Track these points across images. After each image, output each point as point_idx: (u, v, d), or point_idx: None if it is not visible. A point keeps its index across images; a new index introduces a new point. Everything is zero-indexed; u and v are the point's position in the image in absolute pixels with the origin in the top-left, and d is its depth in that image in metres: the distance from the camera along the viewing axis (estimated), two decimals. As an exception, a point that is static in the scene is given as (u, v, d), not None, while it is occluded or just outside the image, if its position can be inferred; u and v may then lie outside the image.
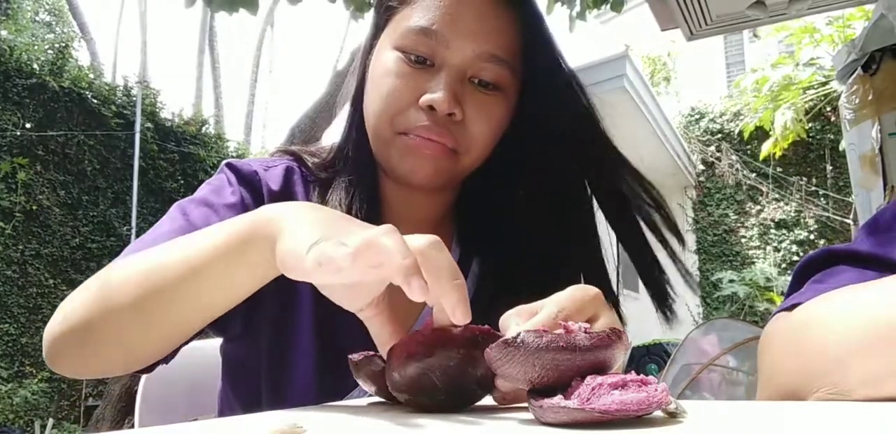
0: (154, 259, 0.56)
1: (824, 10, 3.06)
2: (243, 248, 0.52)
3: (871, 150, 2.28)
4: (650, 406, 0.34)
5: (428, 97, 0.69)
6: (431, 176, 0.71)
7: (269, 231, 0.50)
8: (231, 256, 0.52)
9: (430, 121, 0.69)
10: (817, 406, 0.44)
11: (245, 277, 0.53)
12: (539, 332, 0.37)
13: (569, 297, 0.48)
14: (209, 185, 0.74)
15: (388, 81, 0.71)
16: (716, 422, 0.36)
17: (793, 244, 7.90)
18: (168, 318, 0.56)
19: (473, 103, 0.71)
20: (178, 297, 0.54)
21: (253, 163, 0.77)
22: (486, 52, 0.70)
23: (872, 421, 0.36)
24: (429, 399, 0.43)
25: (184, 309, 0.56)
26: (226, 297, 0.55)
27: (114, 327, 0.56)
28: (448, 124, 0.70)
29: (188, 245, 0.55)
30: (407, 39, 0.70)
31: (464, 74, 0.71)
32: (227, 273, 0.53)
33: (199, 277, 0.53)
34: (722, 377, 3.06)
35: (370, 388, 0.47)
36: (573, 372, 0.36)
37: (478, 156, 0.74)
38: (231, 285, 0.54)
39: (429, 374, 0.42)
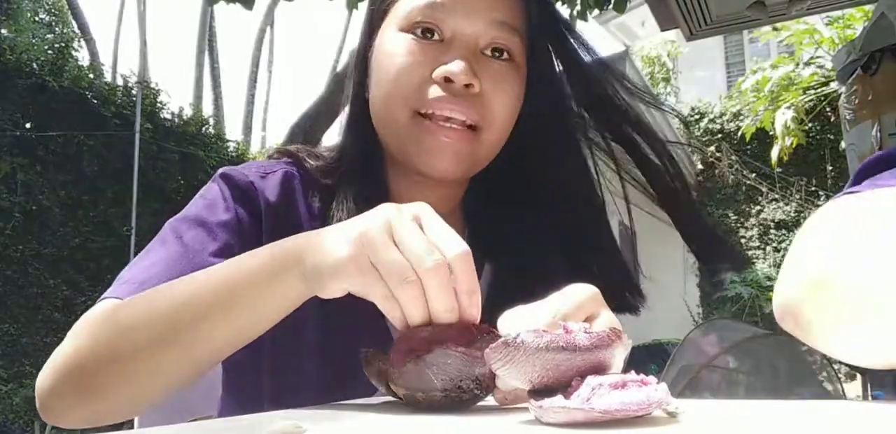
0: (169, 299, 0.53)
1: (824, 10, 3.06)
2: (270, 279, 0.51)
3: (871, 150, 2.28)
4: (650, 406, 0.34)
5: (443, 69, 0.66)
6: (452, 162, 0.68)
7: (295, 255, 0.50)
8: (259, 289, 0.51)
9: (448, 92, 0.66)
10: (818, 406, 0.44)
11: (274, 309, 0.52)
12: (539, 332, 0.37)
13: (567, 297, 0.48)
14: (203, 198, 0.71)
15: (396, 61, 0.68)
16: (716, 422, 0.36)
17: (793, 244, 7.90)
18: (184, 363, 0.53)
19: (490, 74, 0.68)
20: (200, 338, 0.52)
21: (250, 170, 0.73)
22: (497, 20, 0.68)
23: (872, 421, 0.36)
24: (426, 396, 0.43)
25: (203, 351, 0.53)
26: (251, 332, 0.54)
27: (123, 374, 0.53)
28: (467, 97, 0.67)
29: (207, 281, 0.53)
30: (412, 17, 0.68)
31: (476, 45, 0.68)
32: (256, 307, 0.52)
33: (227, 316, 0.52)
34: (722, 377, 3.06)
35: (379, 386, 0.47)
36: (573, 372, 0.36)
37: (499, 133, 0.71)
38: (259, 320, 0.53)
39: (426, 371, 0.42)
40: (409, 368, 0.43)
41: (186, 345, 0.52)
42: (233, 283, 0.52)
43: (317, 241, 0.50)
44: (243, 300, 0.51)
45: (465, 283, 0.46)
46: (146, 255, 0.65)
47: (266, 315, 0.52)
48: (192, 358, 0.53)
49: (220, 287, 0.52)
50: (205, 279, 0.54)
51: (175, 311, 0.52)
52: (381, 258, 0.45)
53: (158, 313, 0.53)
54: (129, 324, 0.53)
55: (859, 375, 4.20)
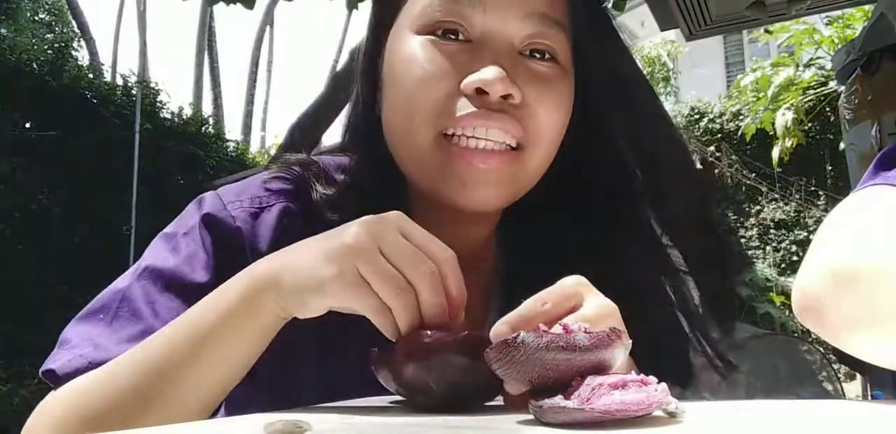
0: (140, 367, 0.48)
1: (824, 10, 3.06)
2: (247, 313, 0.48)
3: (870, 150, 2.28)
4: (650, 406, 0.34)
5: (474, 78, 0.54)
6: (491, 192, 0.56)
7: (269, 280, 0.47)
8: (235, 327, 0.48)
9: (482, 105, 0.54)
10: (818, 406, 0.44)
11: (256, 341, 0.49)
12: (539, 333, 0.37)
13: (551, 289, 0.46)
14: (183, 240, 0.60)
15: (415, 71, 0.56)
16: (716, 422, 0.36)
17: (792, 244, 7.90)
18: (180, 418, 0.48)
19: (532, 80, 0.56)
20: (187, 393, 0.48)
21: (240, 206, 0.61)
22: (535, 13, 0.56)
23: (873, 421, 0.36)
24: (425, 399, 0.44)
25: (194, 402, 0.49)
26: (241, 368, 0.50)
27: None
28: (509, 108, 0.55)
29: (177, 335, 0.49)
30: (430, 16, 0.56)
31: (511, 45, 0.56)
32: (237, 346, 0.48)
33: (210, 362, 0.48)
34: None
35: (388, 385, 0.47)
36: (573, 372, 0.36)
37: (547, 151, 0.59)
38: (245, 355, 0.49)
39: (425, 376, 0.42)
40: (408, 374, 0.43)
41: (174, 405, 0.48)
42: (207, 330, 0.48)
43: (292, 261, 0.47)
44: (222, 342, 0.48)
45: (455, 288, 0.45)
46: (109, 311, 0.56)
47: (249, 349, 0.49)
48: (186, 412, 0.48)
49: (195, 336, 0.48)
50: (174, 333, 0.49)
51: (149, 379, 0.47)
52: (372, 270, 0.44)
53: (131, 387, 0.48)
54: (97, 411, 0.48)
55: (859, 375, 4.20)
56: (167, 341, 0.49)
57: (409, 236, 0.46)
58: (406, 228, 0.46)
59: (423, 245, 0.45)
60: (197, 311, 0.50)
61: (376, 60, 0.63)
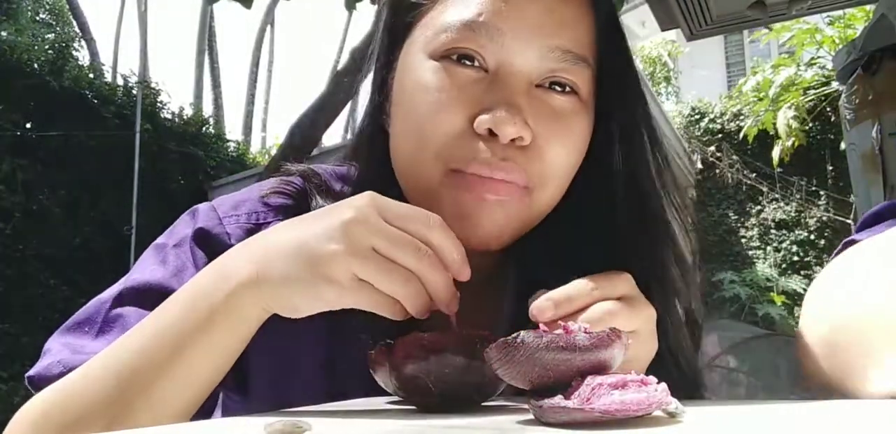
0: (113, 370, 0.46)
1: (824, 10, 3.06)
2: (225, 320, 0.46)
3: (871, 150, 2.28)
4: (650, 406, 0.34)
5: (485, 119, 0.51)
6: (496, 227, 0.54)
7: (250, 289, 0.45)
8: (215, 336, 0.46)
9: (490, 152, 0.52)
10: (818, 406, 0.44)
11: (237, 346, 0.47)
12: (539, 332, 0.37)
13: (602, 275, 0.47)
14: (173, 250, 0.59)
15: (426, 100, 0.53)
16: (716, 422, 0.36)
17: (793, 244, 7.90)
18: (148, 421, 0.46)
19: (546, 118, 0.54)
20: (158, 398, 0.46)
21: (234, 222, 0.59)
22: (559, 48, 0.53)
23: (873, 420, 0.36)
24: (424, 400, 0.44)
25: (163, 407, 0.46)
26: (213, 378, 0.48)
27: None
28: (516, 153, 0.53)
29: (150, 343, 0.46)
30: (445, 42, 0.54)
31: (529, 82, 0.54)
32: (213, 353, 0.46)
33: (186, 368, 0.46)
34: (722, 377, 3.06)
35: (385, 386, 0.47)
36: (573, 372, 0.36)
37: (556, 190, 0.57)
38: (224, 354, 0.47)
39: (423, 378, 0.42)
40: (406, 376, 0.43)
41: (145, 414, 0.45)
42: (183, 337, 0.46)
43: (278, 269, 0.44)
44: (199, 350, 0.46)
45: (451, 255, 0.45)
46: (94, 324, 0.55)
47: (229, 352, 0.47)
48: (157, 420, 0.46)
49: (170, 344, 0.46)
50: (146, 340, 0.47)
51: (121, 388, 0.45)
52: (370, 270, 0.43)
53: (104, 394, 0.46)
54: (74, 414, 0.46)
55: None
56: (139, 349, 0.46)
57: (390, 219, 0.44)
58: (383, 210, 0.44)
59: (407, 226, 0.44)
60: (170, 318, 0.47)
61: (387, 75, 0.61)
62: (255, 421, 0.36)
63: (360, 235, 0.43)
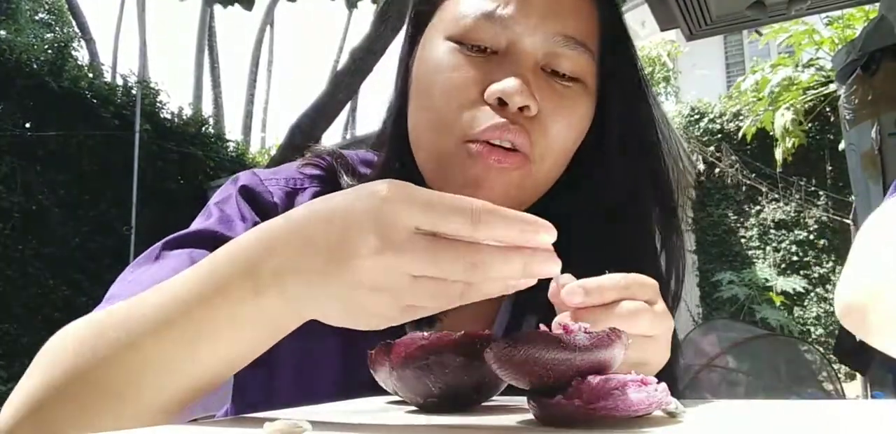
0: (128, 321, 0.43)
1: (824, 10, 3.06)
2: (255, 314, 0.41)
3: (870, 150, 2.28)
4: (650, 406, 0.34)
5: (496, 88, 0.55)
6: (503, 195, 0.56)
7: (283, 299, 0.40)
8: (243, 327, 0.42)
9: (500, 117, 0.56)
10: (818, 406, 0.44)
11: (267, 339, 0.43)
12: (539, 332, 0.37)
13: (631, 275, 0.46)
14: (218, 211, 0.60)
15: (441, 77, 0.58)
16: (716, 422, 0.36)
17: (793, 244, 7.90)
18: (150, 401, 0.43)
19: (550, 95, 0.58)
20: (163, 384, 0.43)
21: (275, 184, 0.63)
22: (562, 35, 0.58)
23: (872, 421, 0.36)
24: (424, 400, 0.44)
25: (164, 394, 0.43)
26: (236, 365, 0.44)
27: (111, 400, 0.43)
28: (523, 122, 0.56)
29: (169, 323, 0.42)
30: (462, 26, 0.58)
31: (535, 62, 0.58)
32: (238, 343, 0.43)
33: (209, 355, 0.43)
34: (722, 377, 3.06)
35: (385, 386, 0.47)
36: (573, 372, 0.36)
37: (554, 165, 0.60)
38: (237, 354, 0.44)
39: (423, 379, 0.42)
40: (406, 376, 0.43)
41: (150, 392, 0.43)
42: (203, 322, 0.42)
43: (313, 292, 0.39)
44: (223, 339, 0.42)
45: (508, 229, 0.36)
46: (139, 269, 0.56)
47: (258, 344, 0.43)
48: (160, 403, 0.43)
49: (190, 329, 0.42)
50: (165, 318, 0.43)
51: (131, 361, 0.43)
52: (422, 298, 0.37)
53: (117, 353, 0.43)
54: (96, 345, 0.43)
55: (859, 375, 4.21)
56: (154, 329, 0.42)
57: (421, 204, 0.36)
58: (417, 208, 0.36)
59: (446, 225, 0.36)
60: (194, 300, 0.42)
61: (409, 61, 0.65)
62: (254, 421, 0.36)
63: (398, 260, 0.36)
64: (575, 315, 0.45)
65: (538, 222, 0.37)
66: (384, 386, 0.46)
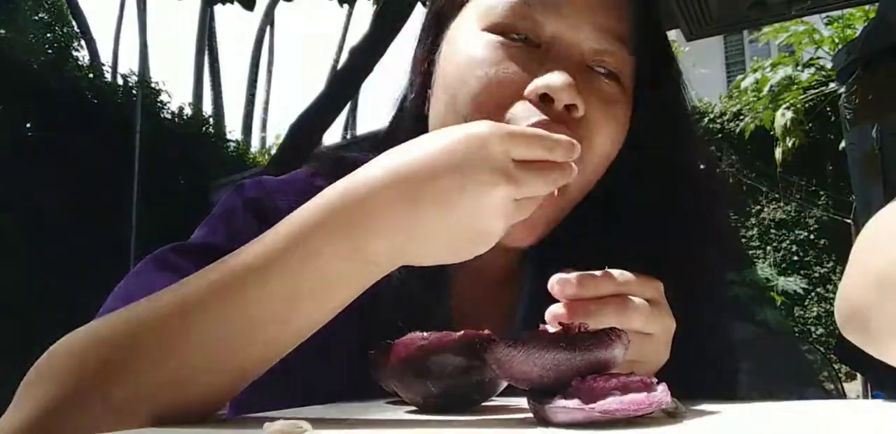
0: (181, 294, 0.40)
1: (824, 10, 3.06)
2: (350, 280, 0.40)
3: (871, 150, 2.28)
4: (650, 406, 0.34)
5: (541, 82, 0.51)
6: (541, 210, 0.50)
7: (388, 263, 0.41)
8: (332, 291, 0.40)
9: (545, 114, 0.51)
10: (818, 406, 0.44)
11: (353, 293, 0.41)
12: (539, 332, 0.37)
13: (635, 274, 0.46)
14: (225, 225, 0.56)
15: (479, 72, 0.53)
16: (716, 422, 0.36)
17: (793, 244, 7.90)
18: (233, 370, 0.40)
19: (598, 96, 0.54)
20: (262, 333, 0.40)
21: (283, 197, 0.58)
22: (607, 29, 0.54)
23: (872, 421, 0.36)
24: (424, 400, 0.44)
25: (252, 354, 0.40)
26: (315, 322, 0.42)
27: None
28: (569, 121, 0.52)
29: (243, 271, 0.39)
30: (501, 16, 0.54)
31: (581, 55, 0.54)
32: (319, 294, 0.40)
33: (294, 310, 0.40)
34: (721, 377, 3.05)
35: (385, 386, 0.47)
36: (573, 372, 0.36)
37: (596, 173, 0.56)
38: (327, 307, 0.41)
39: (423, 379, 0.42)
40: (406, 376, 0.43)
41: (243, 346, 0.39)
42: (293, 293, 0.39)
43: (419, 246, 0.40)
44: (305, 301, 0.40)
45: (561, 151, 0.42)
46: (145, 276, 0.51)
47: (338, 304, 0.41)
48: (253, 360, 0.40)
49: (279, 295, 0.39)
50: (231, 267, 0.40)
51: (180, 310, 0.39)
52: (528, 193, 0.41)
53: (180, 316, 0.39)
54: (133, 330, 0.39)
55: (859, 375, 4.21)
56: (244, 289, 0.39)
57: (528, 154, 0.41)
58: (519, 143, 0.40)
59: (542, 155, 0.41)
60: (292, 257, 0.39)
61: (431, 54, 0.60)
62: (254, 422, 0.36)
63: (491, 150, 0.39)
64: (567, 307, 0.44)
65: (572, 142, 0.42)
66: (384, 386, 0.46)
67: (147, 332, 0.39)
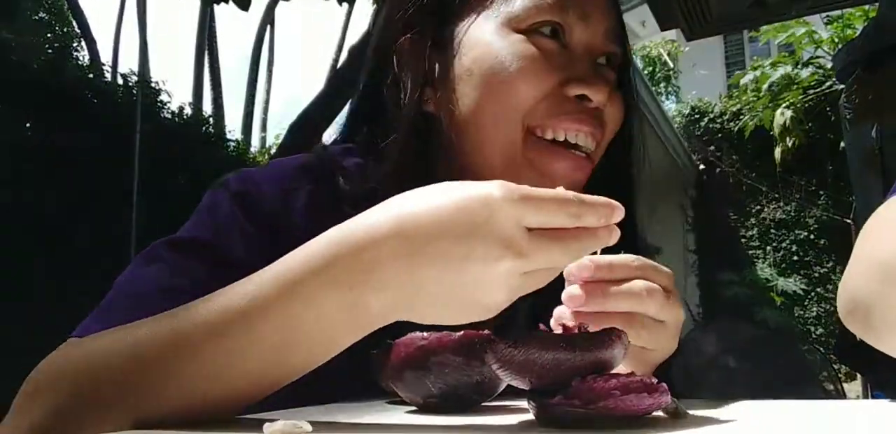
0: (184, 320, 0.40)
1: (824, 10, 3.06)
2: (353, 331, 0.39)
3: (871, 150, 2.28)
4: (650, 406, 0.34)
5: (582, 84, 0.57)
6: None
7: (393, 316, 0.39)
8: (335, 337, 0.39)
9: (581, 111, 0.58)
10: (818, 406, 0.44)
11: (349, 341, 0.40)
12: (539, 332, 0.37)
13: (647, 259, 0.47)
14: (211, 220, 0.57)
15: (513, 66, 0.57)
16: (716, 422, 0.36)
17: (793, 244, 7.89)
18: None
19: (610, 87, 0.60)
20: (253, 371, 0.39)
21: (268, 187, 0.59)
22: (615, 31, 0.62)
23: (872, 421, 0.36)
24: (424, 400, 0.44)
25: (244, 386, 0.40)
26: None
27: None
28: (599, 116, 0.59)
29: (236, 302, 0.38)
30: (533, 14, 0.58)
31: (596, 54, 0.61)
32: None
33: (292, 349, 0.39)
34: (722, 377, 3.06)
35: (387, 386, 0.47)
36: (573, 372, 0.36)
37: (601, 155, 0.63)
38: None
39: (423, 379, 0.42)
40: (406, 376, 0.43)
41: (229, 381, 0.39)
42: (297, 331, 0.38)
43: (428, 311, 0.38)
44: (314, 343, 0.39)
45: (596, 215, 0.37)
46: (140, 268, 0.52)
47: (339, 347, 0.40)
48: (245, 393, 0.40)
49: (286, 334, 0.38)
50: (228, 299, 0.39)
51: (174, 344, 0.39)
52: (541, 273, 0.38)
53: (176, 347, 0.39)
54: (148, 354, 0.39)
55: (859, 375, 4.21)
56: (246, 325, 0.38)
57: (538, 221, 0.37)
58: (529, 209, 0.36)
59: (555, 222, 0.37)
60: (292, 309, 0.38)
61: (437, 58, 0.61)
62: (254, 422, 0.36)
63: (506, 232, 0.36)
64: (585, 288, 0.45)
65: (613, 205, 0.38)
66: (384, 387, 0.46)
67: (140, 363, 0.39)
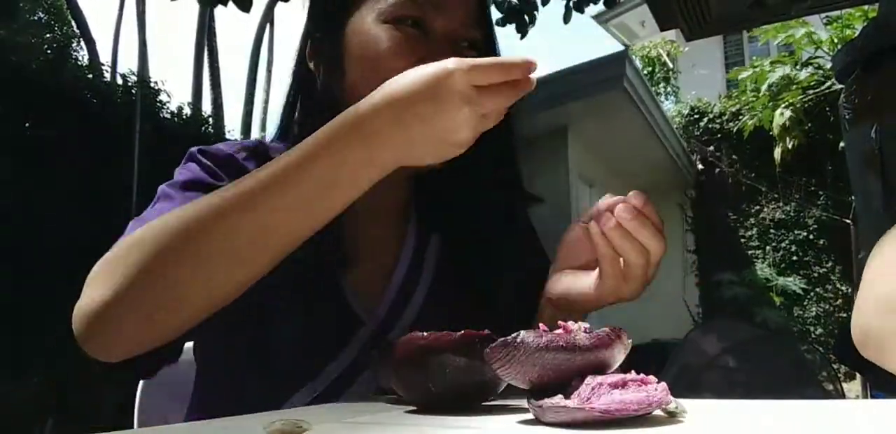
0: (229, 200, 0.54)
1: (824, 10, 3.06)
2: (341, 153, 0.52)
3: (870, 150, 2.28)
4: (650, 406, 0.34)
5: (431, 60, 0.67)
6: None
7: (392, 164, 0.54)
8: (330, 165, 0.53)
9: None
10: (818, 406, 0.44)
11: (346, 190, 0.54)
12: (539, 332, 0.37)
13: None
14: (195, 165, 0.72)
15: (383, 49, 0.70)
16: (716, 422, 0.36)
17: (792, 244, 7.90)
18: (254, 257, 0.54)
19: None
20: (271, 229, 0.53)
21: (223, 146, 0.75)
22: (472, 15, 0.73)
23: (872, 421, 0.36)
24: (424, 400, 0.44)
25: (269, 245, 0.54)
26: (322, 217, 0.55)
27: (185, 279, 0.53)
28: None
29: (262, 173, 0.54)
30: (397, 10, 0.71)
31: (457, 39, 0.72)
32: (326, 188, 0.53)
33: (299, 200, 0.53)
34: (722, 377, 3.06)
35: (387, 386, 0.47)
36: (573, 372, 0.36)
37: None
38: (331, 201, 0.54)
39: (424, 379, 0.42)
40: (406, 376, 0.43)
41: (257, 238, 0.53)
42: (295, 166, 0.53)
43: (413, 151, 0.53)
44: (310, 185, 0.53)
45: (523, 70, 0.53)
46: (143, 215, 0.68)
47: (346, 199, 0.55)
48: (263, 250, 0.54)
49: (279, 172, 0.53)
50: (255, 173, 0.55)
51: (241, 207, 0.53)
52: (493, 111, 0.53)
53: (216, 213, 0.54)
54: (192, 227, 0.54)
55: (859, 375, 4.21)
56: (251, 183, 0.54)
57: (484, 80, 0.51)
58: (479, 73, 0.51)
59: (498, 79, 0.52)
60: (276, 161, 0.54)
61: (339, 46, 0.74)
62: (254, 421, 0.36)
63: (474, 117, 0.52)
64: (619, 224, 0.56)
65: (529, 60, 0.52)
66: (384, 386, 0.46)
67: (184, 233, 0.54)
